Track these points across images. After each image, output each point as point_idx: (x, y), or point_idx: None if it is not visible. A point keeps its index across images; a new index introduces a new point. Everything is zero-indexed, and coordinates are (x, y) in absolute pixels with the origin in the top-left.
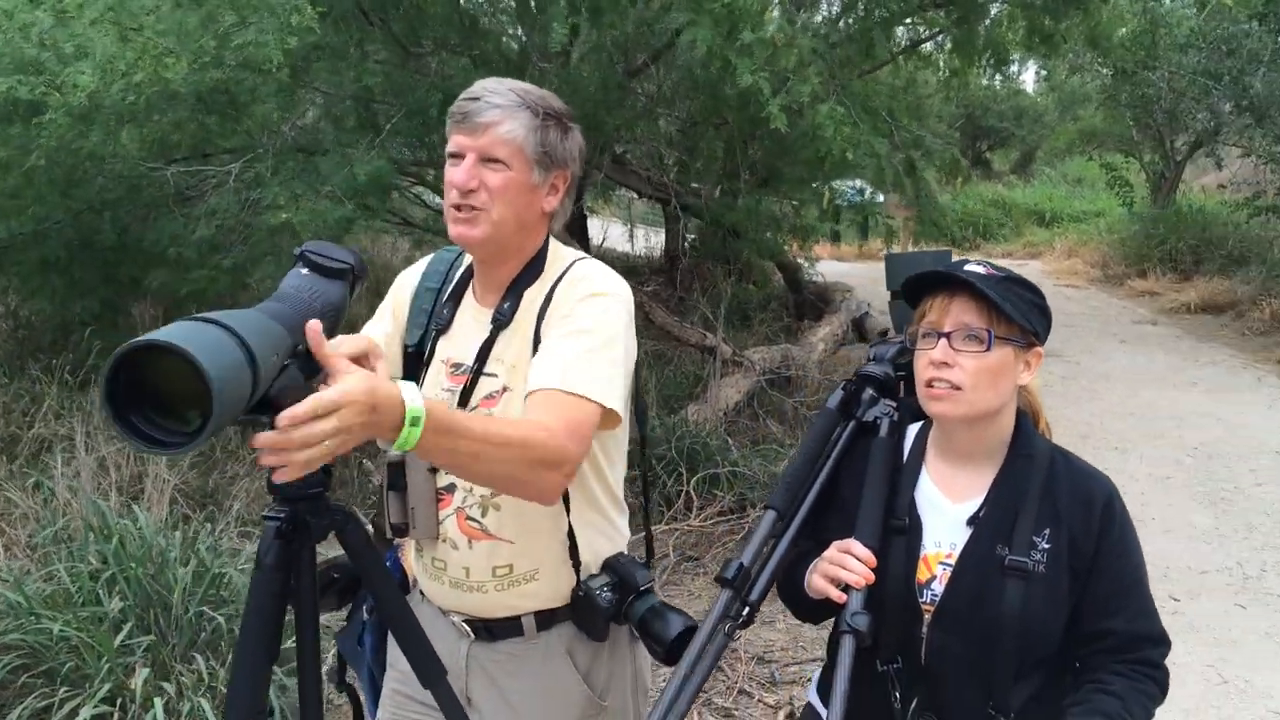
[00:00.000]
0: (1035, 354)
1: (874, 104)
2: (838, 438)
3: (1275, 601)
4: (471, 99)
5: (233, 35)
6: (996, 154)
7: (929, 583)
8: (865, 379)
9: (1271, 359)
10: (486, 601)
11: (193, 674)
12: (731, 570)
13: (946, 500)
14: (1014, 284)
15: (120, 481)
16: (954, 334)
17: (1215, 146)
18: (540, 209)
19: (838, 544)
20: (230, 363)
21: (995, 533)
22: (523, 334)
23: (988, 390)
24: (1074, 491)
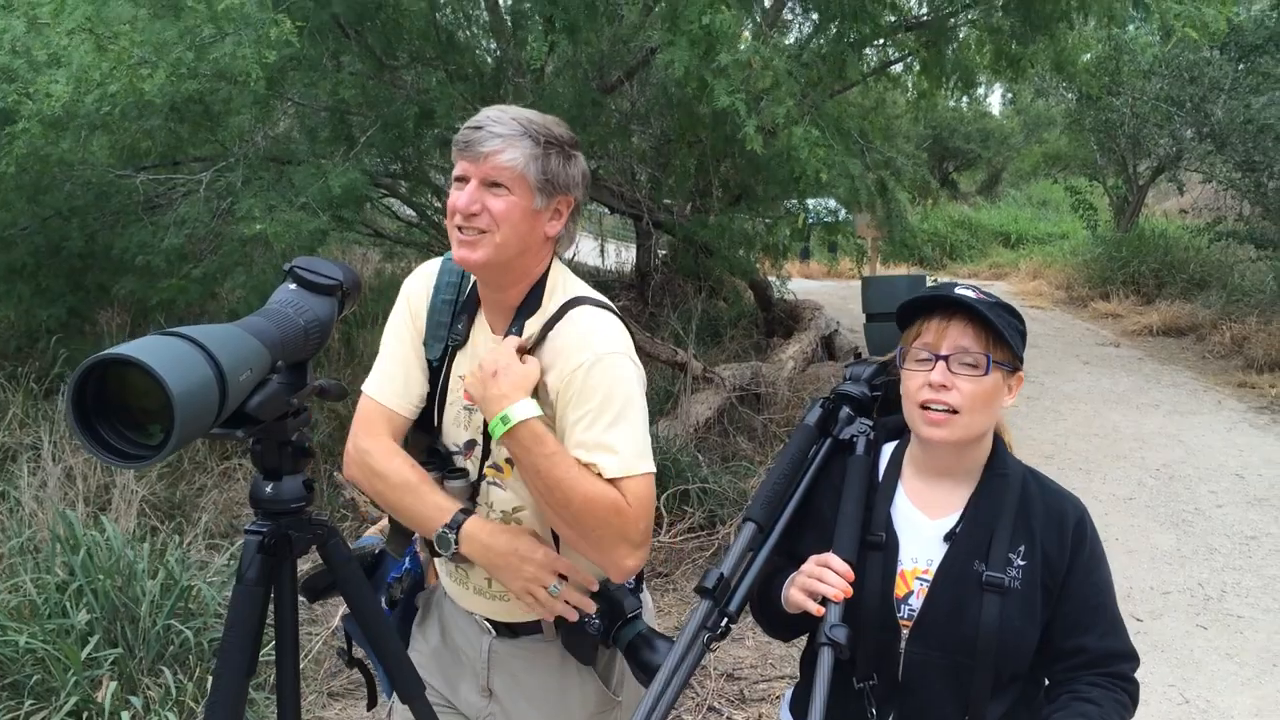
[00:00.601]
0: (1017, 378)
1: (846, 125)
2: (814, 454)
3: (1236, 623)
4: (475, 128)
5: (211, 48)
6: (963, 175)
7: (906, 598)
8: (842, 398)
9: (1231, 382)
10: (510, 609)
11: (160, 687)
12: (711, 580)
13: (923, 517)
14: (1003, 309)
15: (87, 492)
16: (952, 357)
17: (1177, 172)
18: (543, 233)
19: (815, 558)
20: (195, 378)
21: (972, 549)
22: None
23: (981, 414)
24: (1047, 511)
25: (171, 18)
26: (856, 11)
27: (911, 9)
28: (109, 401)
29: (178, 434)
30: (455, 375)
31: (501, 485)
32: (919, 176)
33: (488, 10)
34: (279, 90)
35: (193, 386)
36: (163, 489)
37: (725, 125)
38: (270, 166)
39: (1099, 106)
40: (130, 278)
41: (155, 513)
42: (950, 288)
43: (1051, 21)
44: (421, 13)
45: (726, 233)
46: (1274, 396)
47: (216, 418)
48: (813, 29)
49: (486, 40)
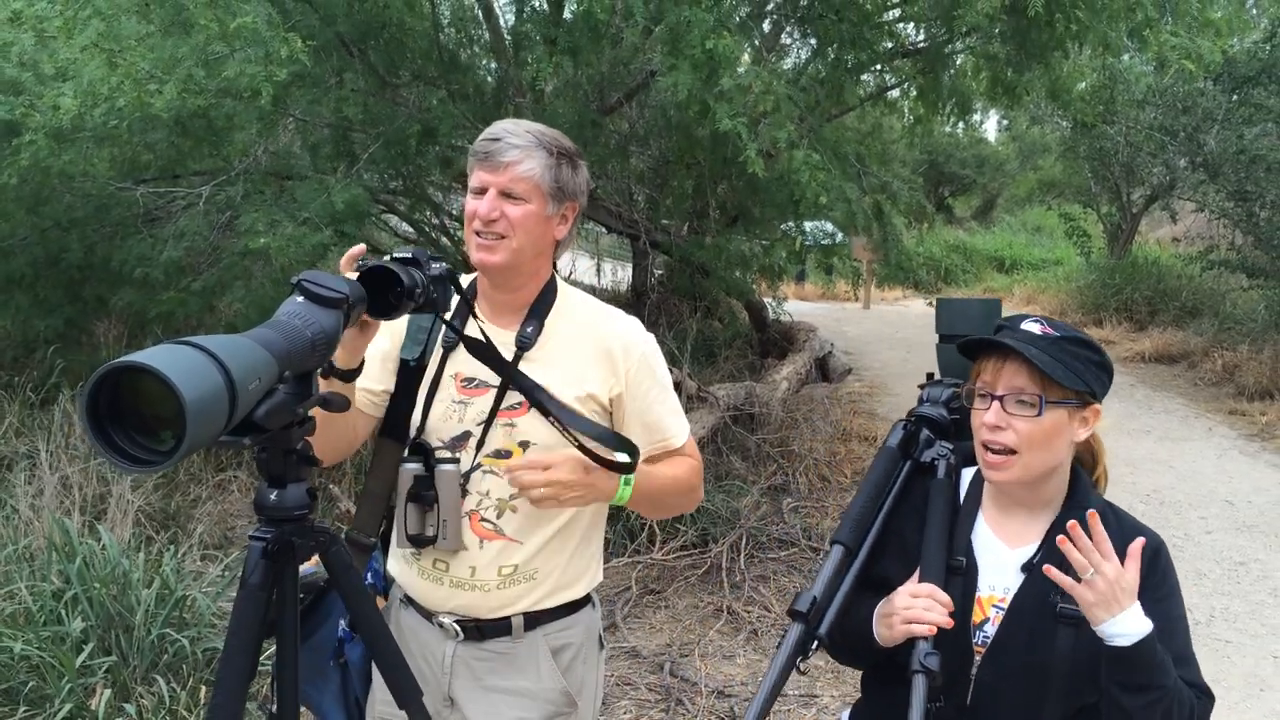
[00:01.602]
0: (1093, 410)
1: (843, 149)
2: (896, 477)
3: (1223, 648)
4: (493, 139)
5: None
6: (958, 200)
7: (982, 624)
8: (922, 420)
9: (1222, 409)
10: (487, 600)
11: (153, 696)
12: (804, 603)
13: (1002, 545)
14: (1070, 343)
15: (83, 501)
16: (1006, 397)
17: (1170, 201)
18: (552, 237)
19: (910, 589)
20: (206, 386)
21: (1049, 581)
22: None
23: (1041, 452)
24: (1125, 543)
25: (182, 35)
26: (854, 38)
27: (908, 36)
28: (122, 407)
29: (189, 440)
30: (446, 375)
31: (499, 473)
32: (915, 201)
33: (489, 31)
34: (282, 106)
35: (204, 394)
36: (158, 499)
37: (724, 148)
38: (271, 181)
39: (1093, 135)
40: (128, 290)
41: (150, 522)
42: (1015, 321)
43: (1047, 50)
44: (424, 32)
45: (723, 254)
46: (1264, 424)
47: (226, 425)
48: (810, 54)
49: (488, 60)
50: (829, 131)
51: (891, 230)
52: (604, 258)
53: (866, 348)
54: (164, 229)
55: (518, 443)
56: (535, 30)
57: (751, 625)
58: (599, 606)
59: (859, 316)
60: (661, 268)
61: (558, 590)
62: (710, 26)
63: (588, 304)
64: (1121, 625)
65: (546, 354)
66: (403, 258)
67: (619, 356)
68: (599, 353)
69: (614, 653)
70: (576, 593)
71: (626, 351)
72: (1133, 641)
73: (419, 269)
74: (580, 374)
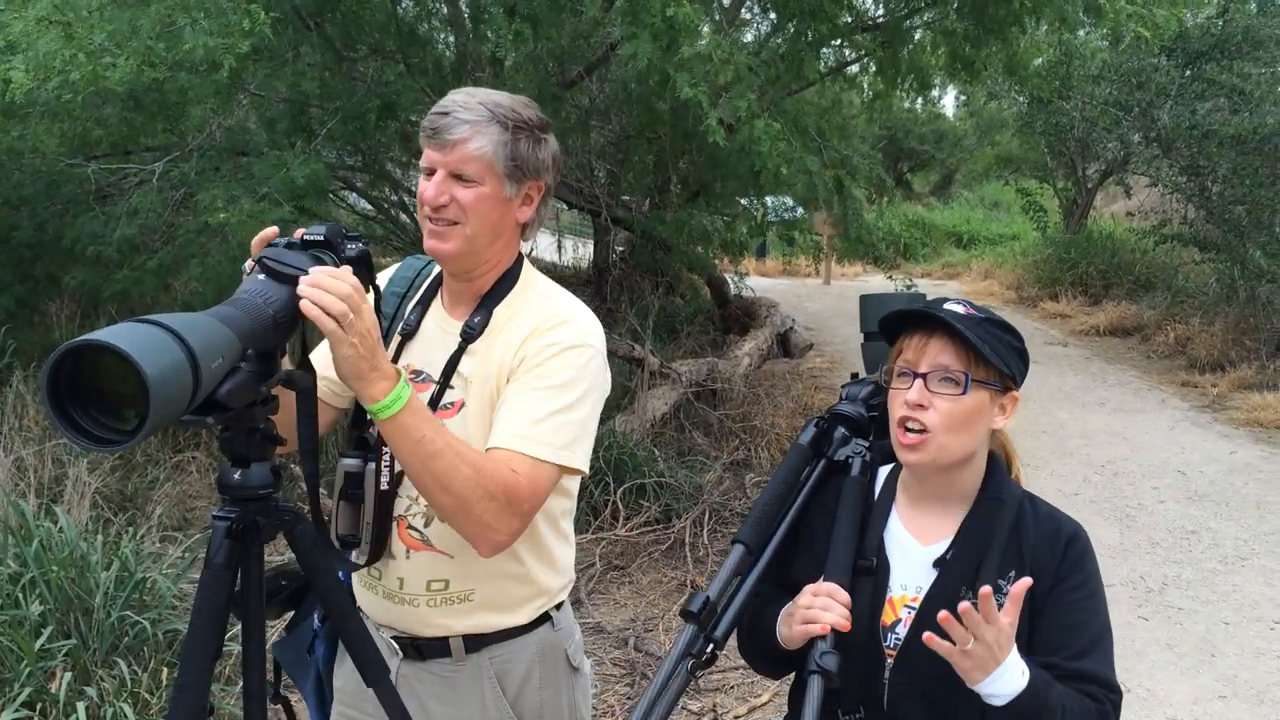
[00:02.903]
0: (1011, 398)
1: (804, 123)
2: (808, 475)
3: (1175, 614)
4: (441, 113)
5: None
6: (917, 176)
7: (893, 626)
8: (838, 417)
9: (1175, 381)
10: (418, 617)
11: (114, 679)
12: (696, 603)
13: (915, 542)
14: (993, 326)
15: (39, 484)
16: (930, 375)
17: (1124, 175)
18: (514, 220)
19: (812, 588)
20: (169, 364)
21: (961, 575)
22: (489, 355)
23: (960, 434)
24: (1040, 533)
25: (140, 6)
26: (814, 11)
27: (868, 10)
28: (84, 387)
29: (152, 418)
30: (399, 365)
31: None
32: (875, 175)
33: (447, 4)
34: (239, 81)
35: (167, 372)
36: (115, 481)
37: (685, 121)
38: (227, 157)
39: (1050, 110)
40: (81, 268)
41: (108, 504)
42: (938, 304)
43: (1004, 25)
44: (382, 5)
45: (685, 229)
46: (1215, 396)
47: (190, 403)
48: (771, 28)
49: (446, 34)
50: (790, 105)
51: (852, 204)
52: (565, 234)
53: (827, 323)
54: (117, 206)
55: None
56: (494, 1)
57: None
58: (563, 625)
59: (819, 292)
60: (623, 244)
61: (499, 614)
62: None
63: (543, 290)
64: (998, 685)
65: (488, 346)
66: (313, 240)
67: (533, 334)
68: (528, 330)
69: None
70: (522, 618)
71: (541, 332)
72: (1008, 700)
73: (331, 251)
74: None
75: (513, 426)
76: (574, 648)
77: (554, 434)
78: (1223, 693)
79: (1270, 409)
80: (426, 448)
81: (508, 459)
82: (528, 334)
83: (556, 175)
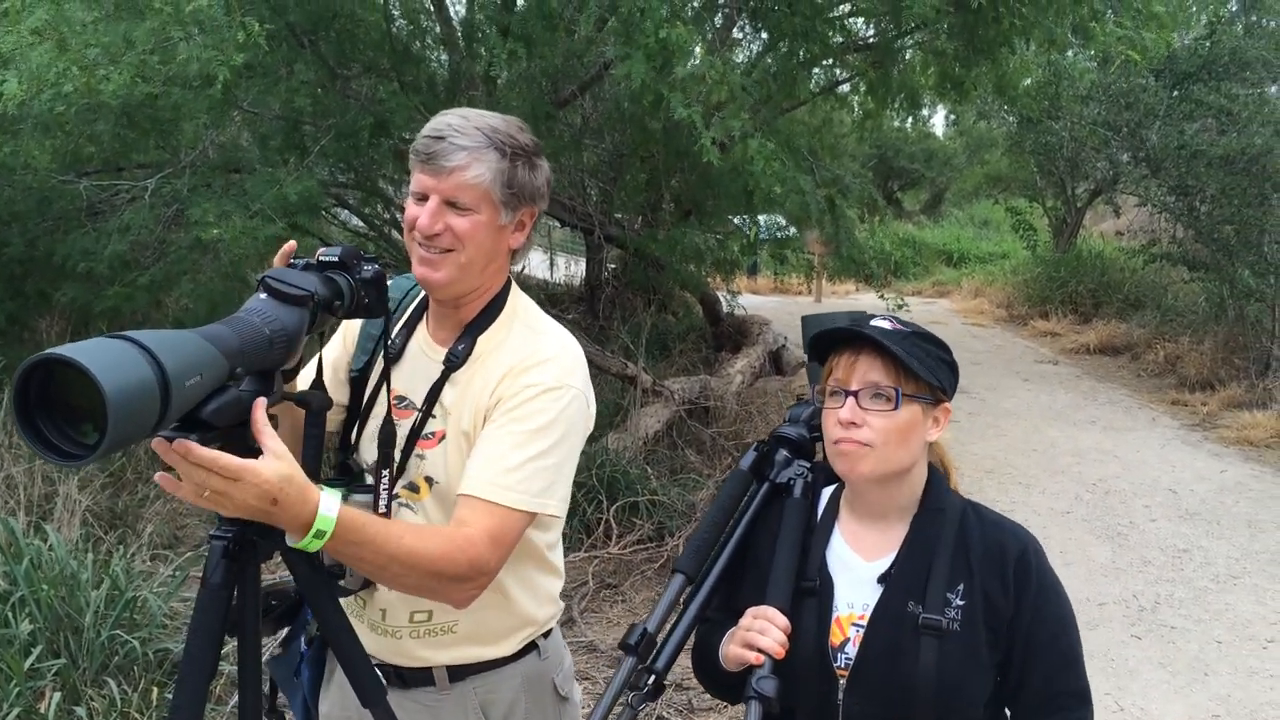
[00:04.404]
0: (943, 410)
1: (796, 142)
2: (750, 499)
3: (1168, 633)
4: (436, 137)
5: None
6: (907, 194)
7: (842, 645)
8: (780, 440)
9: (1165, 400)
10: (400, 648)
11: (104, 698)
12: (634, 636)
13: (858, 559)
14: (921, 339)
15: (28, 501)
16: (861, 392)
17: (1113, 195)
18: (506, 247)
19: (752, 610)
20: (133, 381)
21: (907, 590)
22: (470, 386)
23: (897, 448)
24: (986, 544)
25: (135, 20)
26: (806, 31)
27: (859, 31)
28: (53, 400)
29: (111, 435)
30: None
31: (413, 508)
32: (866, 193)
33: (440, 22)
34: (232, 97)
35: (129, 388)
36: (106, 499)
37: (678, 140)
38: (219, 174)
39: (1039, 130)
40: (72, 284)
41: (99, 522)
42: (864, 320)
43: (994, 46)
44: (376, 23)
45: (678, 247)
46: (1205, 414)
47: (159, 421)
48: (763, 48)
49: (440, 52)
50: (782, 124)
51: (844, 223)
52: (557, 251)
53: None
54: (108, 222)
55: (424, 477)
56: (487, 19)
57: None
58: (551, 653)
59: (811, 310)
60: (615, 261)
61: (483, 646)
62: (664, 16)
63: (528, 320)
64: None
65: (470, 376)
66: (328, 261)
67: (510, 374)
68: (505, 367)
69: (572, 647)
70: (509, 648)
71: (518, 372)
72: None
73: (346, 273)
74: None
75: (487, 474)
76: (562, 676)
77: (529, 481)
78: (1216, 712)
79: (1260, 427)
80: (369, 565)
81: (474, 511)
82: (504, 373)
83: (548, 198)
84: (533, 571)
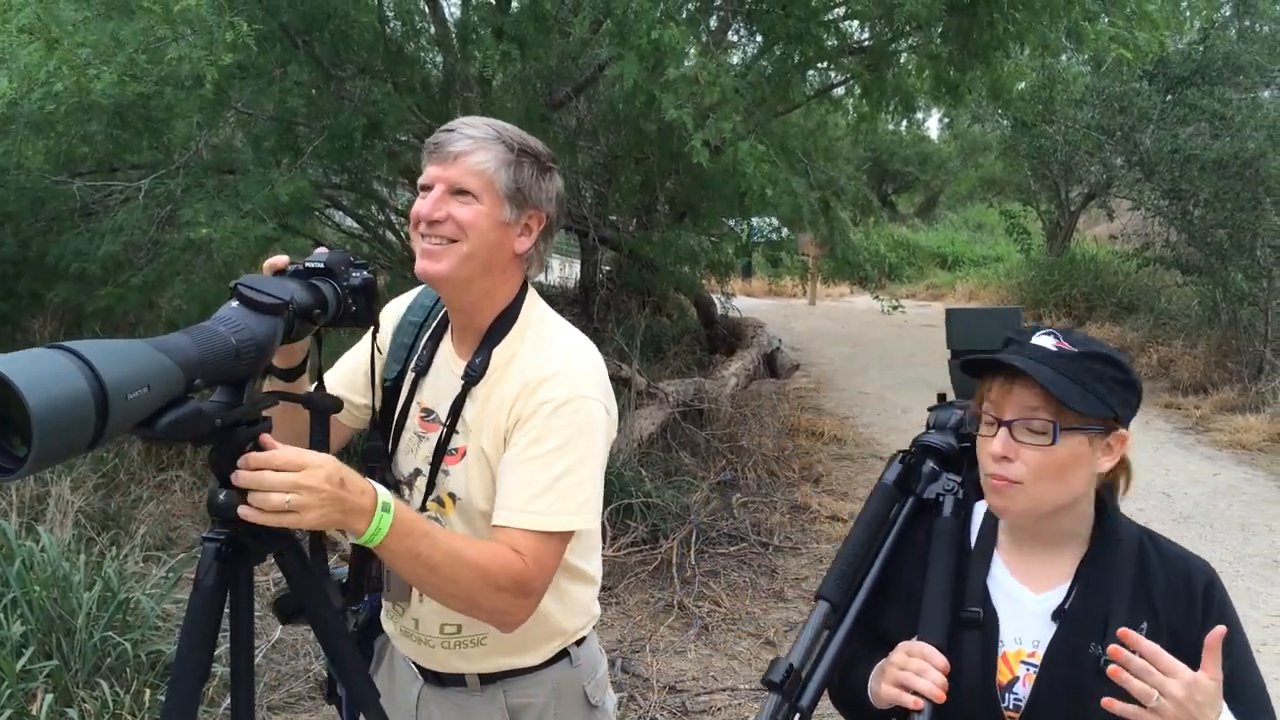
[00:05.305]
0: (1118, 438)
1: (790, 144)
2: (895, 517)
3: None
4: (447, 130)
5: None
6: (901, 197)
7: (1011, 685)
8: (925, 450)
9: (1158, 403)
10: (433, 656)
11: (96, 700)
12: (779, 673)
13: (1025, 590)
14: (1092, 360)
15: (20, 502)
16: (1015, 423)
17: (1107, 198)
18: (512, 249)
19: (905, 647)
20: (64, 393)
21: (1086, 628)
22: (489, 401)
23: (1053, 485)
24: (1170, 577)
25: (124, 19)
26: (801, 34)
27: (853, 34)
28: None
29: (38, 448)
30: (415, 401)
31: (441, 522)
32: (860, 195)
33: (435, 23)
34: (225, 97)
35: (57, 401)
36: (98, 500)
37: (672, 141)
38: (213, 175)
39: (1033, 133)
40: (65, 285)
41: (91, 523)
42: (1029, 334)
43: (988, 50)
44: (370, 24)
45: (672, 249)
46: (1198, 418)
47: (97, 434)
48: (758, 50)
49: (434, 53)
50: (776, 127)
51: (839, 225)
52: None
53: (813, 344)
54: (101, 223)
55: (448, 493)
56: (481, 21)
57: (702, 620)
58: (583, 661)
59: (805, 313)
60: (610, 263)
61: (514, 655)
62: (657, 17)
63: (540, 329)
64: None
65: (488, 391)
66: (313, 267)
67: (523, 392)
68: (518, 386)
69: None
70: (538, 657)
71: (531, 389)
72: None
73: (333, 279)
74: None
75: (515, 501)
76: (594, 684)
77: (559, 501)
78: None
79: (1253, 431)
80: (424, 563)
81: (511, 539)
82: (519, 390)
83: (560, 212)
84: (562, 581)
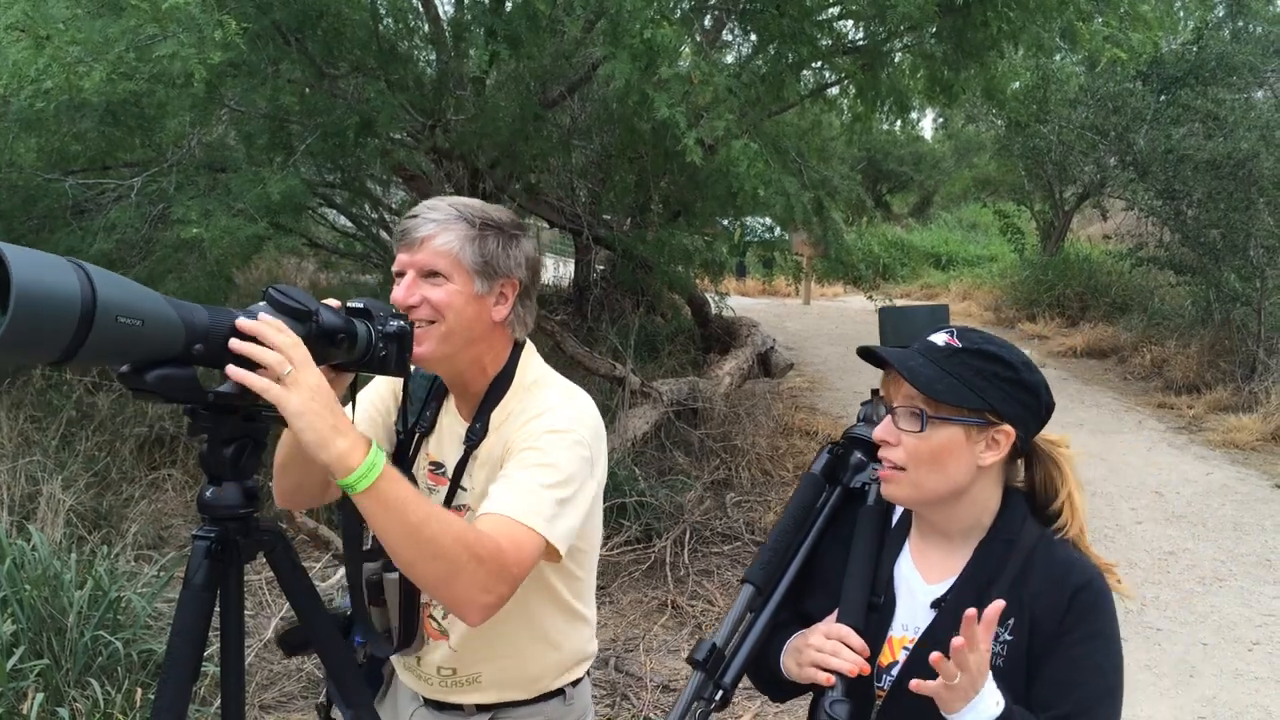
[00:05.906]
0: (1002, 432)
1: (783, 144)
2: (822, 505)
3: (1154, 635)
4: (411, 216)
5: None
6: (895, 197)
7: (889, 667)
8: (853, 441)
9: (1151, 403)
10: (431, 691)
11: (87, 699)
12: (703, 651)
13: (921, 580)
14: (974, 356)
15: (11, 501)
16: (898, 411)
17: (1101, 198)
18: (490, 319)
19: (824, 629)
20: (53, 284)
21: (958, 620)
22: (489, 460)
23: (931, 472)
24: (1048, 578)
25: (113, 15)
26: (795, 34)
27: (848, 33)
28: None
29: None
30: (422, 454)
31: None
32: (854, 196)
33: (428, 21)
34: (217, 95)
35: (44, 284)
36: (90, 498)
37: (665, 140)
38: (205, 173)
39: (1027, 133)
40: None
41: (82, 522)
42: (932, 332)
43: (982, 50)
44: (363, 22)
45: (666, 248)
46: (1191, 417)
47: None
48: (752, 50)
49: (428, 51)
50: (770, 127)
51: (832, 225)
52: (546, 253)
53: (807, 343)
54: (94, 221)
55: None
56: (475, 20)
57: (696, 619)
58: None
59: (799, 312)
60: (604, 263)
61: (509, 690)
62: (650, 17)
63: (534, 387)
64: (974, 715)
65: (489, 449)
66: (354, 307)
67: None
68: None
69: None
70: (533, 692)
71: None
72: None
73: (369, 320)
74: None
75: (504, 497)
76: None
77: (539, 505)
78: (1202, 714)
79: (1246, 430)
80: (413, 514)
81: (494, 523)
82: (515, 426)
83: (534, 277)
84: (559, 623)
